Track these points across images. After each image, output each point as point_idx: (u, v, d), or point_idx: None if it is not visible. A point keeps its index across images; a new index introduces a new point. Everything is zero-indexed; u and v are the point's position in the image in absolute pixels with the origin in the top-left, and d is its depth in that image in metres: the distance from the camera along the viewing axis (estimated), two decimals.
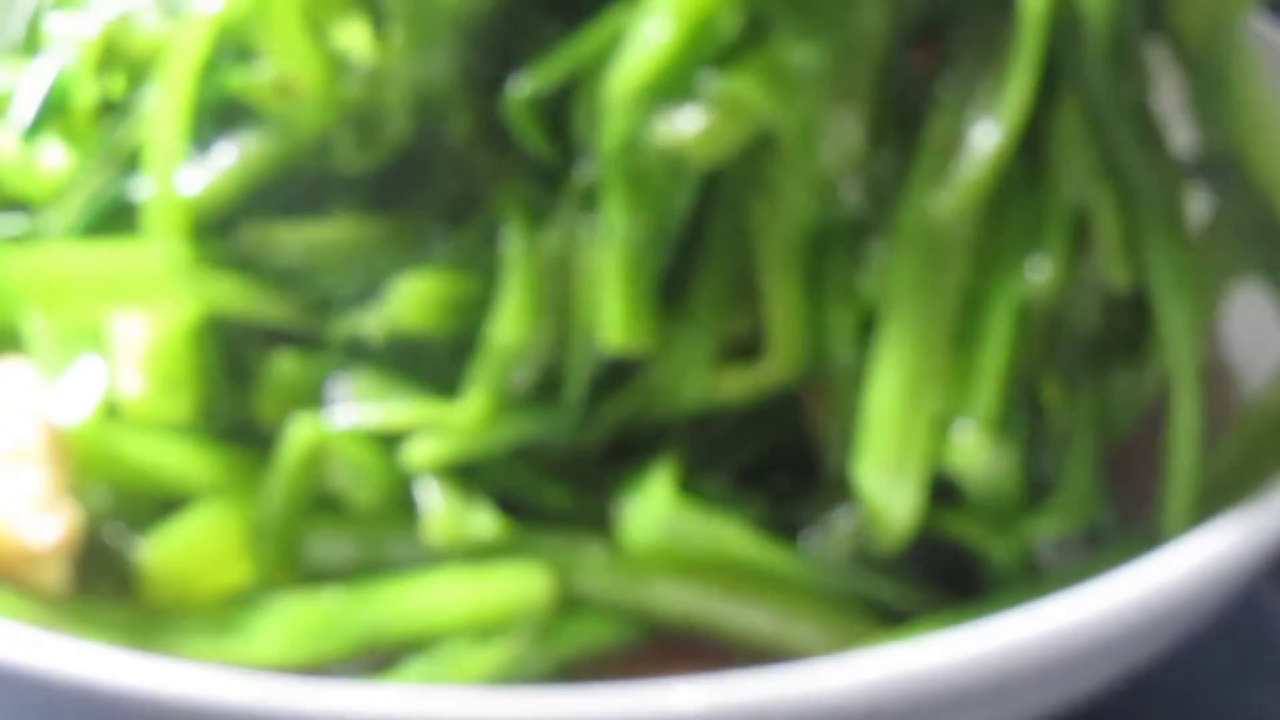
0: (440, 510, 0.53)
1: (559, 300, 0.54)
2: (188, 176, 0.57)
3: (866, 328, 0.53)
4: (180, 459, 0.56)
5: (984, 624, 0.48)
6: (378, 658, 0.54)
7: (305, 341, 0.57)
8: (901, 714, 0.47)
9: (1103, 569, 0.51)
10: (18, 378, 0.58)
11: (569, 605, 0.53)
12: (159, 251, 0.57)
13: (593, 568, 0.54)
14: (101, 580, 0.56)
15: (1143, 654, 0.54)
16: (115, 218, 0.59)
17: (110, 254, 0.57)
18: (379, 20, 0.56)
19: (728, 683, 0.46)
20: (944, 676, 0.47)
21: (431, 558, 0.54)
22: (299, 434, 0.55)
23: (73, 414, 0.56)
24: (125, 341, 0.57)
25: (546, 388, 0.55)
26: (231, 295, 0.57)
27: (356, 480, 0.55)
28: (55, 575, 0.55)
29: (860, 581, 0.54)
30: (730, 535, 0.54)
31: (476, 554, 0.53)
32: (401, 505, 0.55)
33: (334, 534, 0.55)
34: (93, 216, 0.60)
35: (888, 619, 0.54)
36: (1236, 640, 0.63)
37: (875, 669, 0.46)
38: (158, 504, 0.56)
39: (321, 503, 0.55)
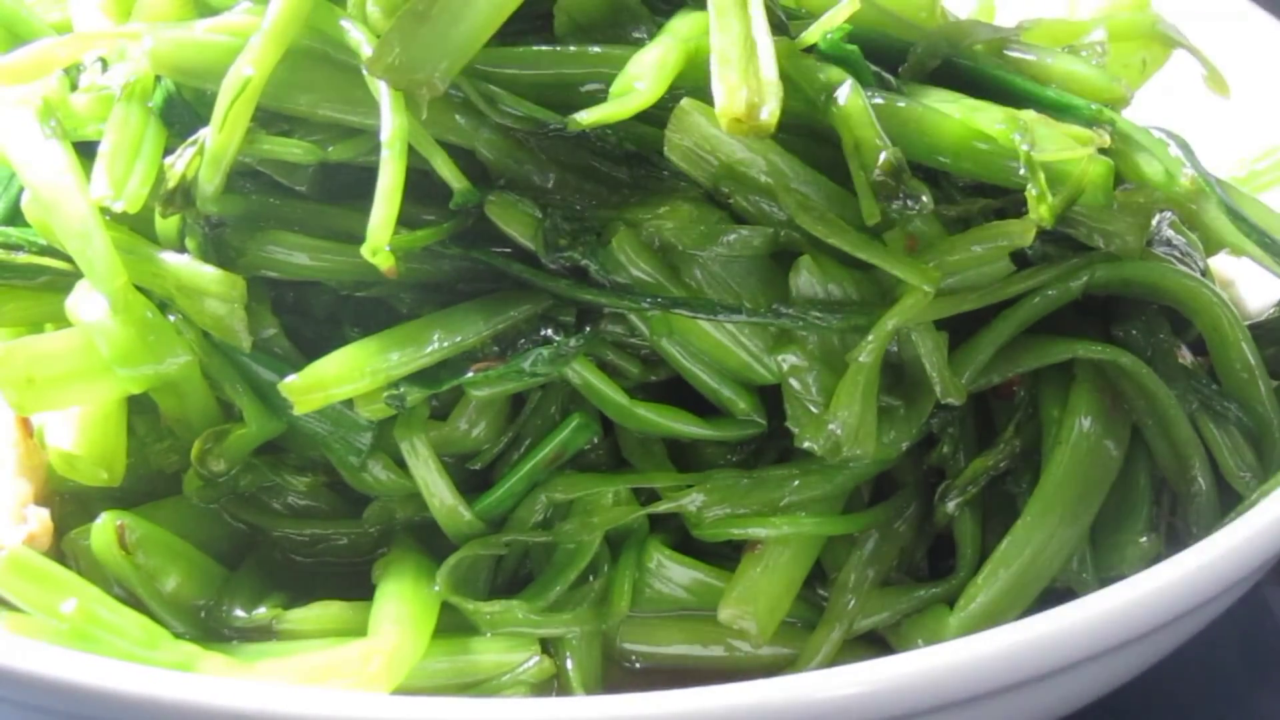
0: None
1: None
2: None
3: None
4: None
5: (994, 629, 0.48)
6: None
7: None
8: (920, 712, 0.47)
9: None
10: None
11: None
12: (94, 339, 0.55)
13: None
14: None
15: (1149, 653, 0.53)
16: None
17: (48, 343, 0.57)
18: None
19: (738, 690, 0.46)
20: (952, 678, 0.47)
21: None
22: None
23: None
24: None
25: None
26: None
27: None
28: None
29: None
30: None
31: None
32: None
33: None
34: None
35: None
36: (1241, 640, 0.63)
37: (889, 670, 0.46)
38: None
39: None
